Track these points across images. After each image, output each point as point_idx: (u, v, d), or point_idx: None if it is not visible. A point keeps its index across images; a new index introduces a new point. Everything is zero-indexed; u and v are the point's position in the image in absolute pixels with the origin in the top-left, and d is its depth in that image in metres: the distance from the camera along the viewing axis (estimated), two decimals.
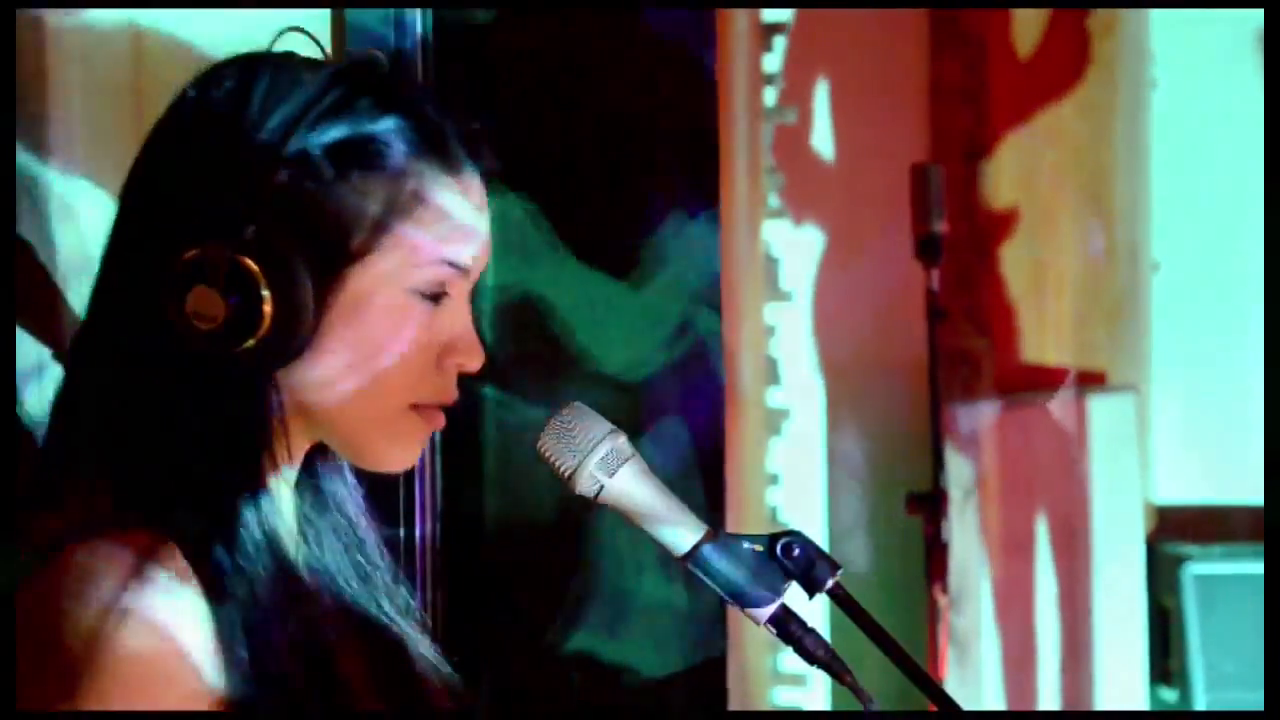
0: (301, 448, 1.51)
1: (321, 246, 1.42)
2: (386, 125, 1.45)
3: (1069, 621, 3.79)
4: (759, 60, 3.65)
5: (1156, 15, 4.04)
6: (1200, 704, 3.79)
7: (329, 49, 1.56)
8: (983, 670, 3.67)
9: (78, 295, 1.64)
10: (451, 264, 1.47)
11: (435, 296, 1.47)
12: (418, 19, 2.15)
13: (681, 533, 1.43)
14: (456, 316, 1.48)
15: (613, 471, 1.42)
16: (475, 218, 1.49)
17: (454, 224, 1.47)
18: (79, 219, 1.80)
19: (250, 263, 1.39)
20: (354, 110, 1.45)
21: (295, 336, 1.41)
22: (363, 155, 1.44)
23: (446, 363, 1.47)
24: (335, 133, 1.44)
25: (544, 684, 2.18)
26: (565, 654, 2.16)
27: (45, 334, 1.76)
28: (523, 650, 2.17)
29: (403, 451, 1.50)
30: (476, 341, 1.49)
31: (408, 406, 1.47)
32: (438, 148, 1.47)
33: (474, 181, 1.50)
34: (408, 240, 1.45)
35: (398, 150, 1.45)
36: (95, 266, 1.49)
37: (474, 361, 1.49)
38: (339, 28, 2.09)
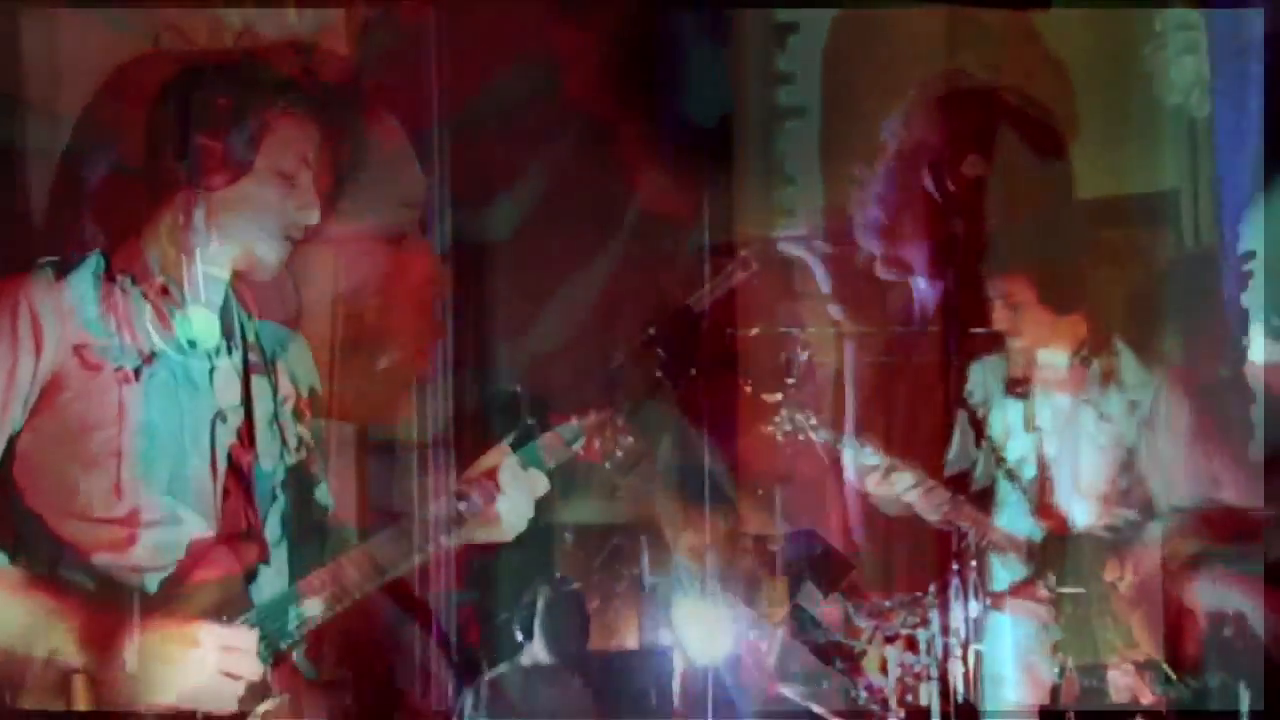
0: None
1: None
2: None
3: (1083, 618, 3.79)
4: (774, 60, 3.65)
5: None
6: (1214, 704, 3.79)
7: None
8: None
9: None
10: None
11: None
12: None
13: (698, 534, 1.43)
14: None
15: (625, 473, 1.43)
16: None
17: None
18: None
19: None
20: None
21: None
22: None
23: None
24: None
25: None
26: None
27: None
28: None
29: None
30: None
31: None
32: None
33: None
34: None
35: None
36: None
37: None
38: (353, 27, 2.10)
